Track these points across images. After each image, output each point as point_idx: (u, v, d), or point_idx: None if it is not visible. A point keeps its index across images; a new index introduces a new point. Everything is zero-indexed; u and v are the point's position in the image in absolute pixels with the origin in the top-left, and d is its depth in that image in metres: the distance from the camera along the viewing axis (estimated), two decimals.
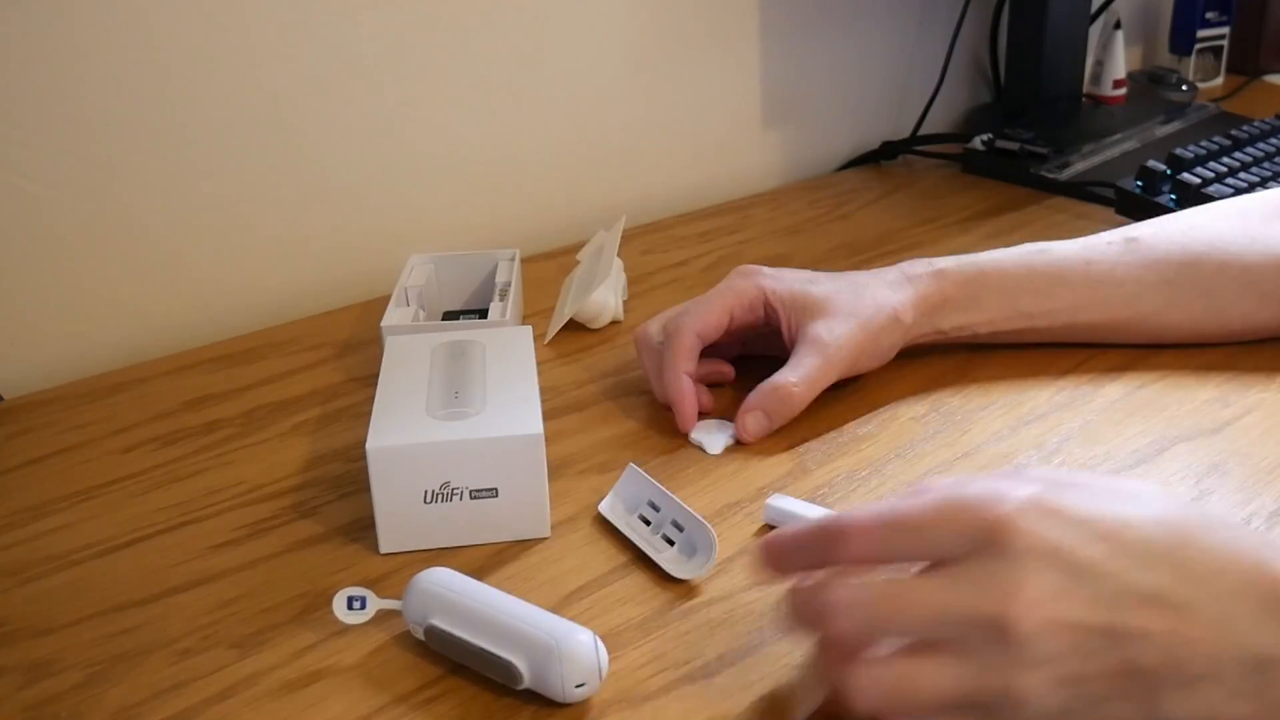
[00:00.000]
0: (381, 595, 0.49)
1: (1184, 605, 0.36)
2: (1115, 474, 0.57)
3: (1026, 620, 0.36)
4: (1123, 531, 0.38)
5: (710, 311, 0.64)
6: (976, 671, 0.37)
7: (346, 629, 0.48)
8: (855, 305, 0.63)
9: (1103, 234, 0.69)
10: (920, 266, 0.66)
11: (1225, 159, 0.92)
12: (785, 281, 0.65)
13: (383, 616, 0.48)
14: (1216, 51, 1.40)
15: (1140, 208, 0.88)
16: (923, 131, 1.13)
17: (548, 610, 0.45)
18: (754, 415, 0.61)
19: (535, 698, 0.44)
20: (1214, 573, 0.37)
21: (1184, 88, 1.30)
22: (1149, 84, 1.32)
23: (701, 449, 0.61)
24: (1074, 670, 0.36)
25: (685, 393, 0.62)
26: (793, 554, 0.41)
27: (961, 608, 0.37)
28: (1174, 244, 0.67)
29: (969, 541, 0.37)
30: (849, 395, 0.65)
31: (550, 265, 0.87)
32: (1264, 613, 0.36)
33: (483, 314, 0.73)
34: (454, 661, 0.46)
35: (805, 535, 0.41)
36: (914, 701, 0.37)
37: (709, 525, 0.50)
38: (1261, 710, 0.36)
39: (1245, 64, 1.42)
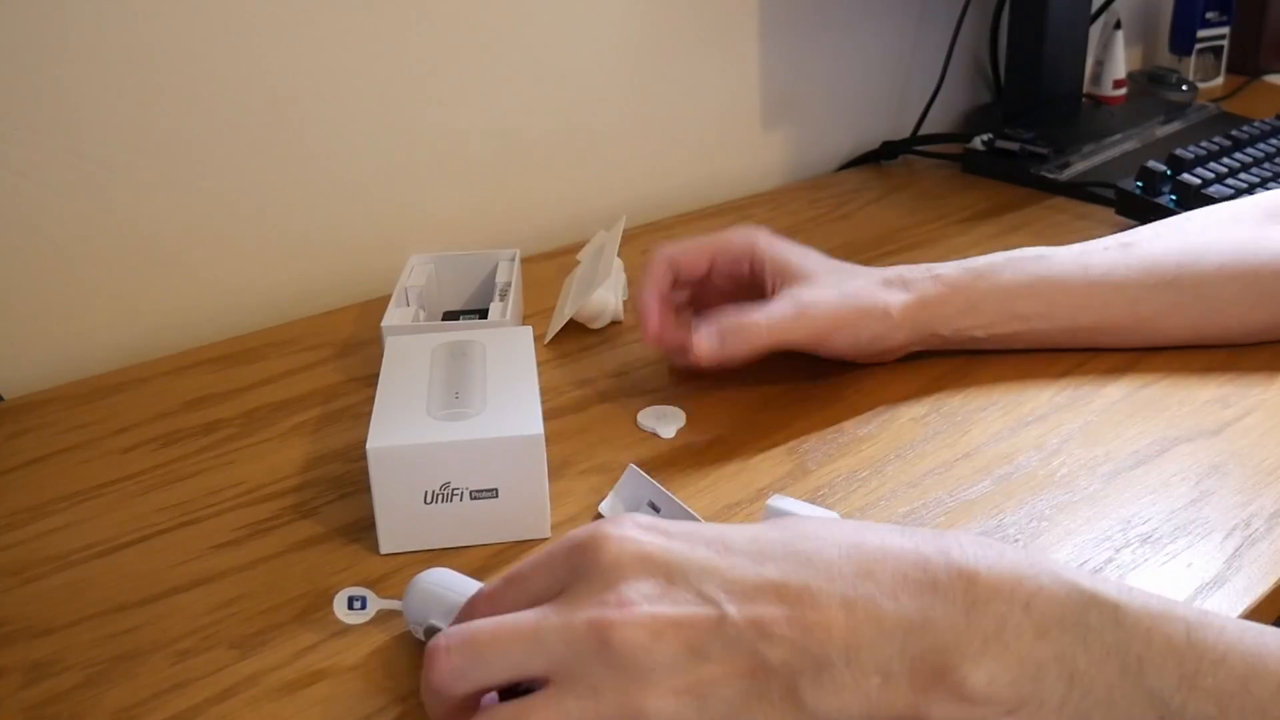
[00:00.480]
0: (382, 595, 0.49)
1: (803, 590, 0.35)
2: (1114, 475, 0.57)
3: (625, 626, 0.34)
4: (728, 536, 0.37)
5: (690, 248, 0.66)
6: (588, 694, 0.34)
7: (347, 629, 0.48)
8: (843, 283, 0.64)
9: (1099, 239, 0.69)
10: (918, 271, 0.66)
11: (1225, 159, 0.92)
12: (780, 247, 0.65)
13: (383, 617, 0.48)
14: (1216, 51, 1.40)
15: (1140, 208, 0.88)
16: (923, 131, 1.13)
17: None
18: (707, 332, 0.61)
19: None
20: (834, 559, 0.35)
21: (1184, 88, 1.30)
22: (1149, 84, 1.32)
23: (655, 434, 0.62)
24: (695, 677, 0.34)
25: (649, 306, 0.64)
26: (451, 638, 0.37)
27: (559, 623, 0.35)
28: (1171, 248, 0.66)
29: (569, 571, 0.36)
30: (849, 395, 0.65)
31: (550, 265, 0.87)
32: (898, 586, 0.35)
33: (483, 314, 0.73)
34: None
35: (457, 620, 0.40)
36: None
37: None
38: (920, 684, 0.34)
39: (1245, 64, 1.42)
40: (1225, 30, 1.40)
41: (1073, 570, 0.36)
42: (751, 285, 0.65)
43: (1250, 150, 0.95)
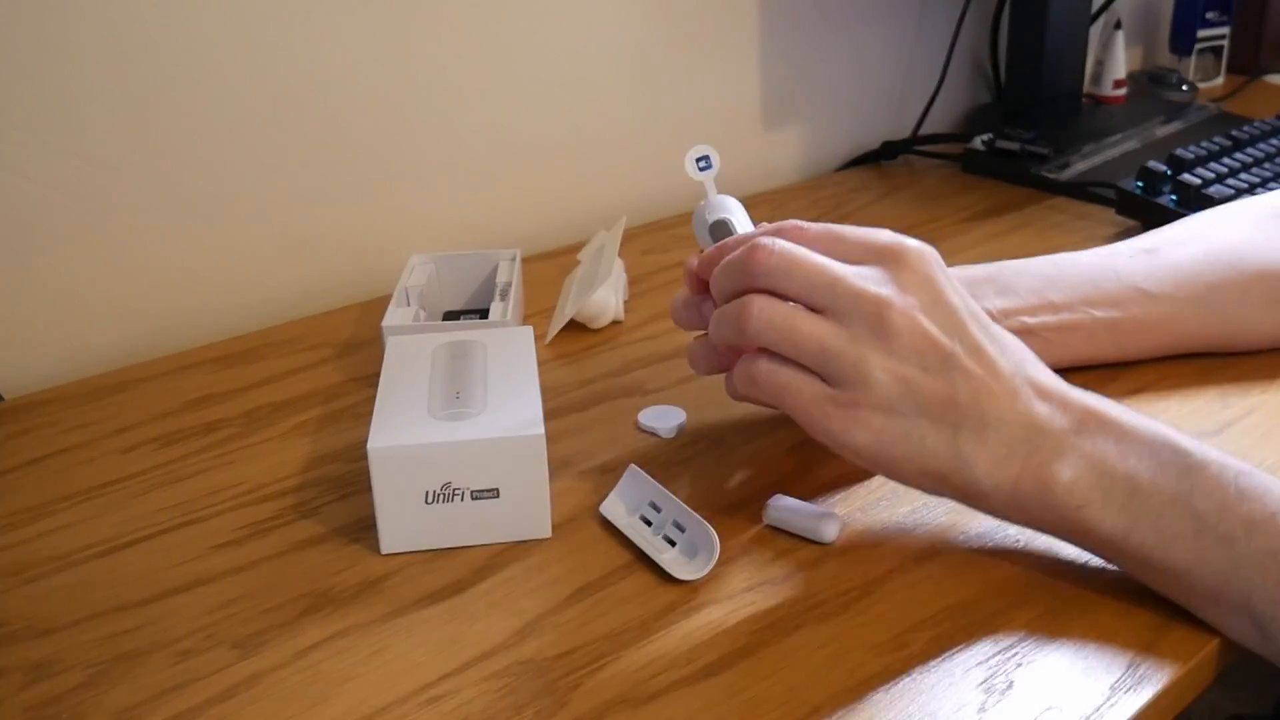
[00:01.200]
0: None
1: (994, 365, 0.47)
2: None
3: (897, 313, 0.47)
4: (973, 308, 0.49)
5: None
6: (847, 338, 0.47)
7: (347, 629, 0.48)
8: None
9: (1122, 245, 0.68)
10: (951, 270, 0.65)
11: (1226, 160, 0.92)
12: None
13: (383, 618, 0.48)
14: (1217, 51, 1.40)
15: (1141, 208, 0.88)
16: (923, 131, 1.13)
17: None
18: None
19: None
20: (1020, 361, 0.48)
21: (1184, 88, 1.30)
22: (1149, 84, 1.32)
23: (655, 434, 0.62)
24: (913, 375, 0.47)
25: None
26: (776, 245, 0.49)
27: (858, 286, 0.47)
28: (1199, 259, 0.66)
29: (875, 254, 0.49)
30: None
31: (551, 265, 0.87)
32: (1043, 398, 0.48)
33: (483, 314, 0.73)
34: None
35: (762, 231, 0.52)
36: (790, 336, 0.48)
37: (710, 527, 0.50)
38: (1026, 466, 0.47)
39: (1246, 64, 1.42)
40: (1225, 30, 1.40)
41: (1159, 423, 0.47)
42: None
43: (1251, 150, 0.95)
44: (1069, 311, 0.64)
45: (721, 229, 0.56)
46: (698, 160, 0.57)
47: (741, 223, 0.57)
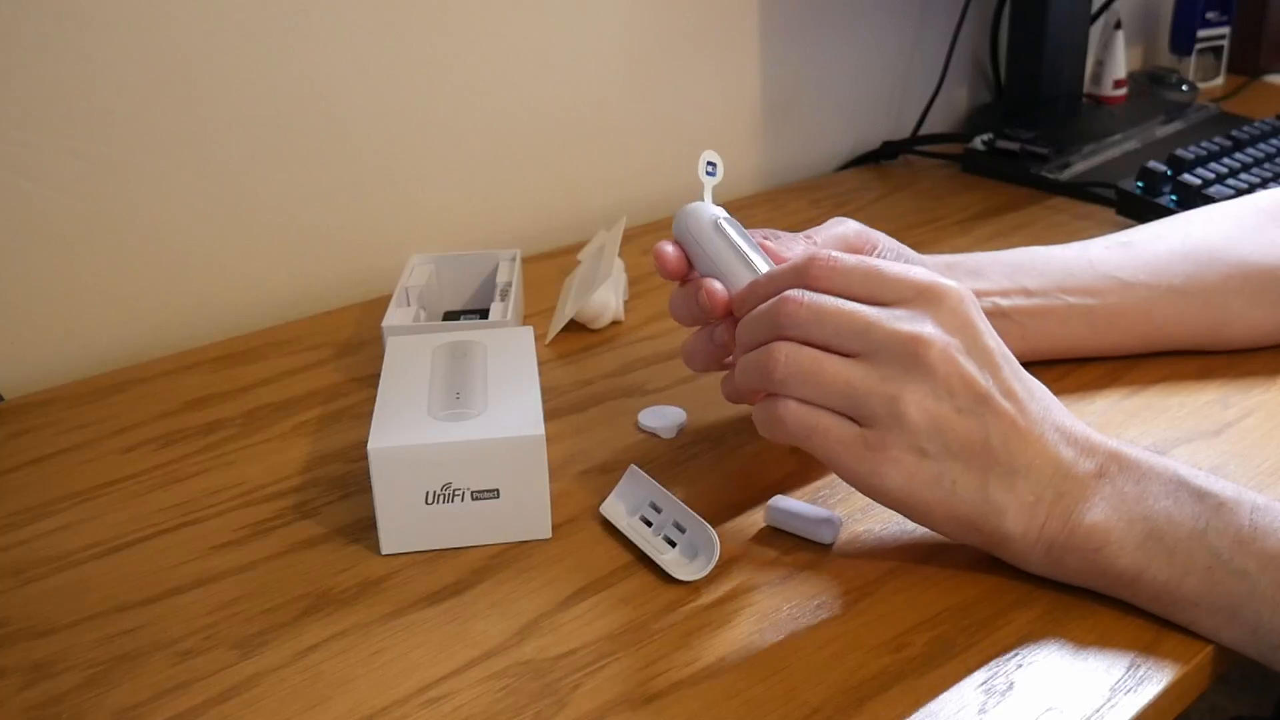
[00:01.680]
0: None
1: (1025, 409, 0.47)
2: None
3: (938, 354, 0.46)
4: (1005, 347, 0.49)
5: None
6: (879, 378, 0.46)
7: (347, 630, 0.48)
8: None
9: (1096, 240, 0.68)
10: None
11: (1226, 160, 0.92)
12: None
13: (383, 618, 0.48)
14: (1217, 51, 1.40)
15: (1141, 208, 0.88)
16: (923, 131, 1.13)
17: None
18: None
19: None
20: (1047, 407, 0.48)
21: (1184, 88, 1.30)
22: (1149, 84, 1.32)
23: (655, 434, 0.62)
24: (947, 414, 0.46)
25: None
26: (806, 297, 0.49)
27: (893, 325, 0.47)
28: (1175, 252, 0.66)
29: (914, 293, 0.48)
30: None
31: (551, 265, 0.87)
32: (1069, 444, 0.48)
33: (483, 314, 0.73)
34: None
35: (787, 267, 0.51)
36: (817, 379, 0.47)
37: (710, 527, 0.50)
38: (1048, 523, 0.47)
39: (1246, 64, 1.42)
40: (1225, 30, 1.40)
41: (1178, 464, 0.48)
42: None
43: (1251, 150, 0.95)
44: (1043, 297, 0.64)
45: (721, 232, 0.55)
46: (708, 163, 0.58)
47: (747, 251, 0.55)
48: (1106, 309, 0.65)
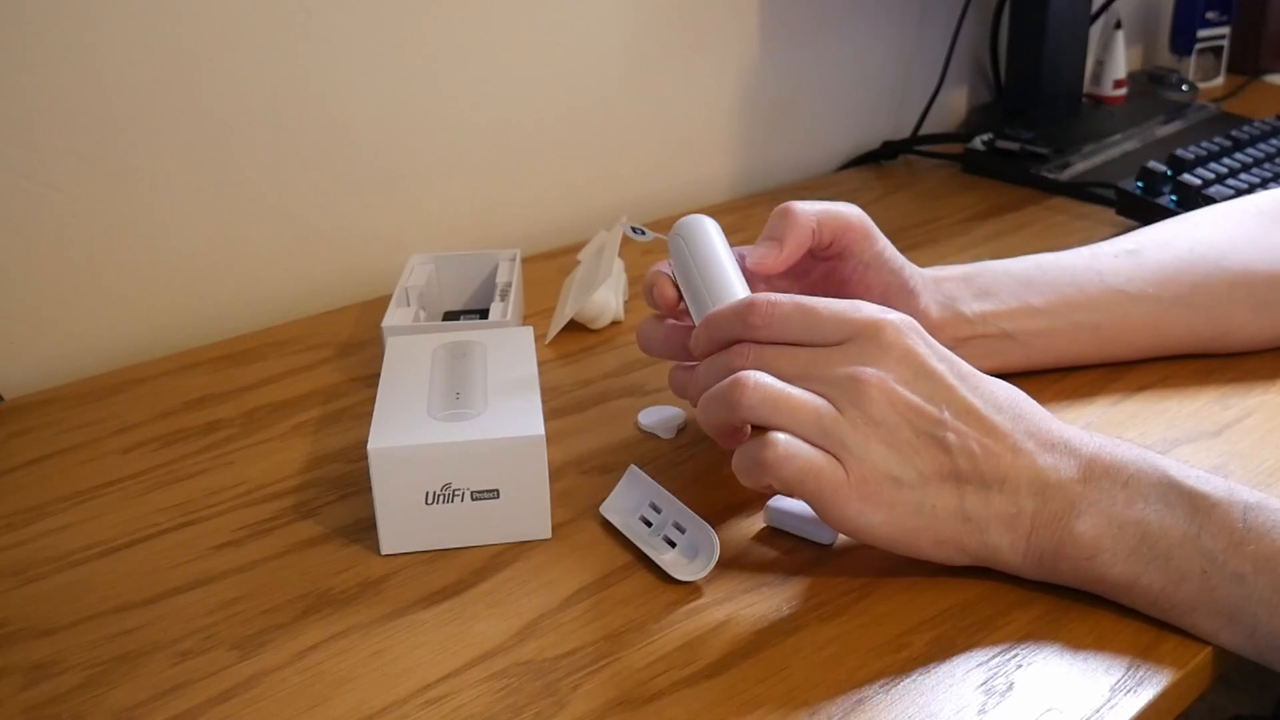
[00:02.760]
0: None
1: (989, 424, 0.47)
2: None
3: (874, 391, 0.46)
4: (960, 369, 0.48)
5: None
6: (841, 417, 0.47)
7: (347, 630, 0.48)
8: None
9: (1105, 245, 0.68)
10: (928, 270, 0.65)
11: (1226, 160, 0.92)
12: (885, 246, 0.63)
13: (383, 618, 0.48)
14: (1217, 51, 1.40)
15: (1141, 208, 0.88)
16: (923, 131, 1.13)
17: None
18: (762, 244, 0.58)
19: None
20: (1017, 415, 0.48)
21: (1184, 88, 1.30)
22: (1149, 84, 1.32)
23: (655, 434, 0.62)
24: (908, 442, 0.46)
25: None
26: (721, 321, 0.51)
27: (828, 369, 0.47)
28: (1183, 260, 0.66)
29: (852, 330, 0.48)
30: None
31: (551, 265, 0.87)
32: (1047, 450, 0.47)
33: (483, 314, 0.73)
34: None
35: (732, 307, 0.51)
36: (782, 406, 0.47)
37: (710, 527, 0.50)
38: (1034, 532, 0.47)
39: (1246, 64, 1.42)
40: (1225, 30, 1.40)
41: (1167, 461, 0.47)
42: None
43: (1251, 150, 0.95)
44: (1049, 316, 0.64)
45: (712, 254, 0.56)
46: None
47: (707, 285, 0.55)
48: (1113, 325, 0.65)
